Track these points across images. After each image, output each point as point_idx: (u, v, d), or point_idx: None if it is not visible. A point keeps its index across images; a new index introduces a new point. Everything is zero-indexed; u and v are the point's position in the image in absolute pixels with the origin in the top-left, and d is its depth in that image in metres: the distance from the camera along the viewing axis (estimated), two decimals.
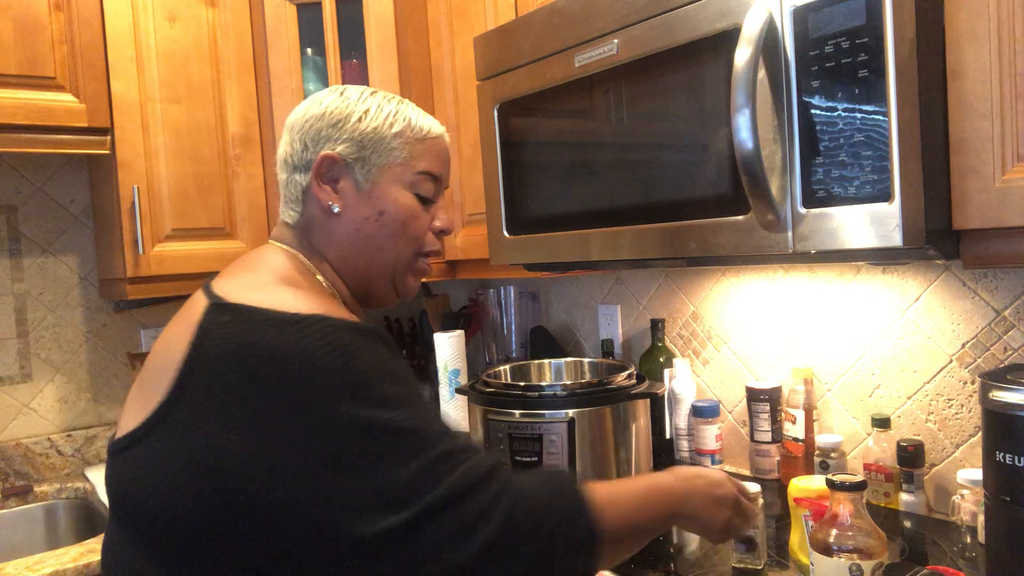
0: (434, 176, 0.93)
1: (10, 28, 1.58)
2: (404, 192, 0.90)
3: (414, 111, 0.93)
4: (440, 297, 2.31)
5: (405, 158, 0.90)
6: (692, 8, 1.05)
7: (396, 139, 0.90)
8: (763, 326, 1.57)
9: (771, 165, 0.96)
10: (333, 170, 0.89)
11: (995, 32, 0.85)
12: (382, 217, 0.89)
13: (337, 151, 0.88)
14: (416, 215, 0.91)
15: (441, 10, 1.75)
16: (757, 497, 1.12)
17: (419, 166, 0.91)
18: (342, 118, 0.89)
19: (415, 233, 0.92)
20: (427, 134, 0.92)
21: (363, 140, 0.88)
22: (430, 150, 0.93)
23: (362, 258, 0.91)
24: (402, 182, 0.90)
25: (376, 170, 0.89)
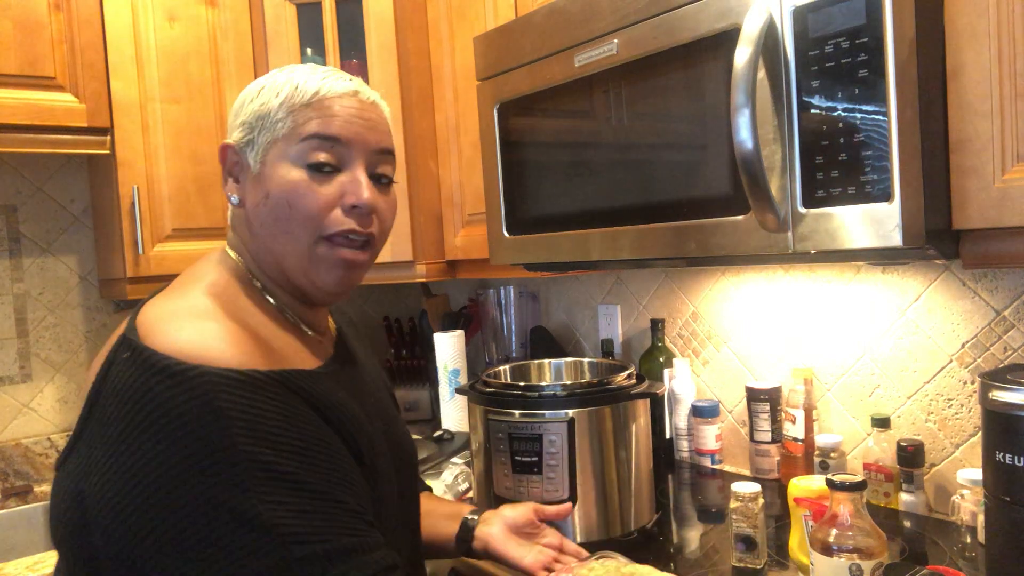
0: (329, 138, 0.79)
1: (10, 28, 1.58)
2: (288, 166, 0.78)
3: (309, 74, 0.81)
4: (440, 297, 2.31)
5: (290, 127, 0.78)
6: (692, 8, 1.05)
7: (280, 109, 0.79)
8: (763, 326, 1.57)
9: (771, 165, 0.96)
10: (232, 160, 0.82)
11: (995, 32, 0.85)
12: (268, 200, 0.78)
13: (233, 139, 0.82)
14: (304, 191, 0.78)
15: (441, 10, 1.75)
16: (757, 497, 1.12)
17: (305, 130, 0.78)
18: (241, 104, 0.83)
19: (307, 212, 0.78)
20: (316, 94, 0.79)
21: (251, 120, 0.80)
22: (321, 111, 0.79)
23: (269, 252, 0.81)
24: (286, 155, 0.78)
25: (263, 149, 0.79)
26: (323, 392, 0.74)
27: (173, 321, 0.70)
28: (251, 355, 0.69)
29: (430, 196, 1.82)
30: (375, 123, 0.83)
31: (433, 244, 1.83)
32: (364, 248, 0.82)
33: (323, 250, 0.80)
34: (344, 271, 0.81)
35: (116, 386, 0.67)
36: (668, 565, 1.15)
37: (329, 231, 0.79)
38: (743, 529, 1.11)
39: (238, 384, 0.66)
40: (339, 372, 0.84)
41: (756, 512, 1.11)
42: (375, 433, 0.83)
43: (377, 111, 0.84)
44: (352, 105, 0.81)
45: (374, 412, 0.87)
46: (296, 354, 0.79)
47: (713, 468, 1.62)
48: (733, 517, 1.12)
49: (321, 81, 0.80)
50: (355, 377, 0.89)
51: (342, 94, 0.80)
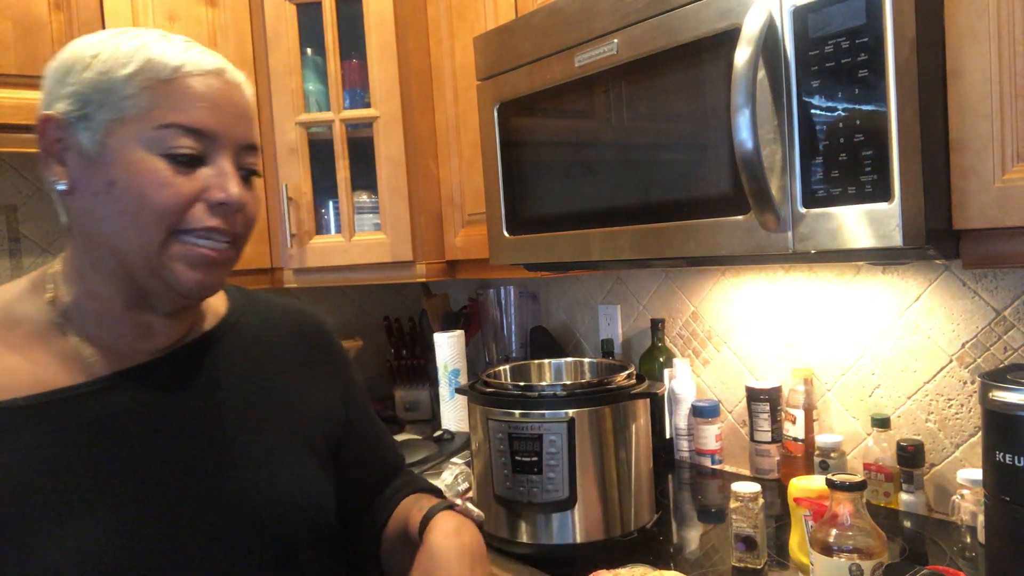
0: (194, 130, 0.68)
1: (10, 28, 1.58)
2: (143, 153, 0.67)
3: (163, 45, 0.69)
4: (440, 297, 2.31)
5: (144, 108, 0.67)
6: (692, 8, 1.05)
7: (129, 83, 0.67)
8: (763, 326, 1.57)
9: (771, 165, 0.96)
10: (56, 136, 0.69)
11: (995, 32, 0.85)
12: (113, 189, 0.67)
13: (57, 110, 0.69)
14: (162, 182, 0.67)
15: (441, 10, 1.75)
16: (757, 497, 1.12)
17: (164, 117, 0.67)
18: (69, 68, 0.69)
19: (164, 206, 0.67)
20: (177, 71, 0.68)
21: (86, 92, 0.68)
22: (184, 93, 0.68)
23: (106, 248, 0.70)
24: (140, 140, 0.67)
25: (104, 128, 0.67)
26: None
27: None
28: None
29: (430, 196, 1.82)
30: (243, 111, 0.73)
31: (433, 244, 1.83)
32: (230, 246, 0.73)
33: (179, 248, 0.69)
34: (205, 269, 0.71)
35: None
36: (668, 565, 1.15)
37: (190, 225, 0.69)
38: (743, 529, 1.11)
39: None
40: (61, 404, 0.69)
41: (756, 512, 1.11)
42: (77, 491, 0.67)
43: (244, 96, 0.74)
44: (218, 87, 0.70)
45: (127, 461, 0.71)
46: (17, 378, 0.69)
47: (713, 468, 1.62)
48: (733, 517, 1.12)
49: (183, 55, 0.69)
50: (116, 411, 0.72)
51: (207, 71, 0.70)
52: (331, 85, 1.79)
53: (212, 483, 0.74)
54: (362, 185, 1.85)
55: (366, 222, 1.85)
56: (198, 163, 0.70)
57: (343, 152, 1.79)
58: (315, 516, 0.81)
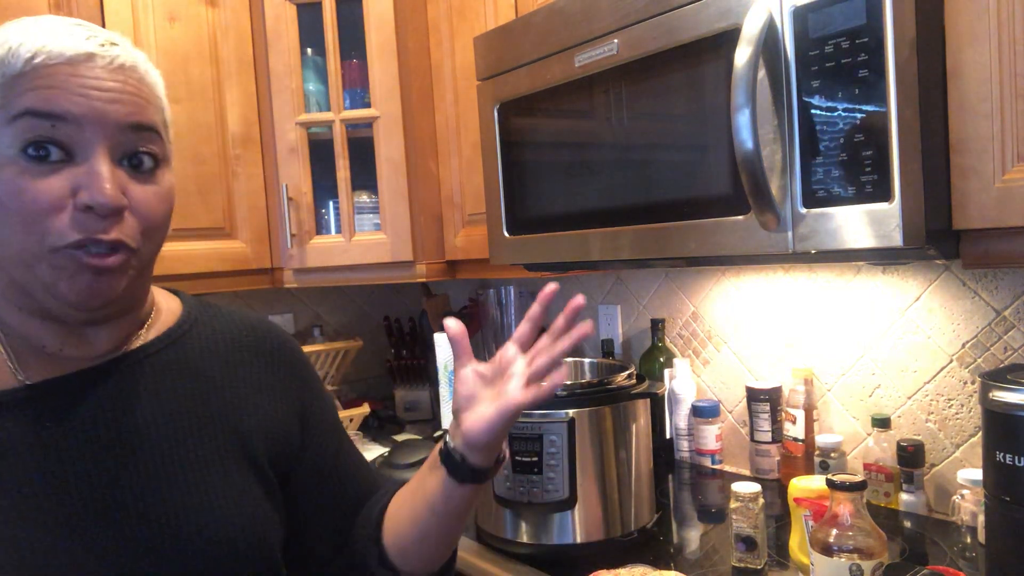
0: (48, 115, 0.59)
1: None
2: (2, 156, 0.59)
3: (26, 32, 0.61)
4: (440, 297, 2.31)
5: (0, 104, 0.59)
6: (692, 8, 1.05)
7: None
8: (763, 326, 1.57)
9: (771, 165, 0.96)
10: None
11: (995, 32, 0.85)
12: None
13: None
14: (20, 188, 0.59)
15: (441, 10, 1.75)
16: (757, 497, 1.12)
17: (18, 105, 0.59)
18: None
19: (25, 216, 0.59)
20: (29, 63, 0.59)
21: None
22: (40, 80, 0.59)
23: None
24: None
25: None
26: None
27: None
28: None
29: (430, 196, 1.82)
30: (124, 91, 0.63)
31: (433, 244, 1.83)
32: (119, 252, 0.63)
33: (60, 259, 0.61)
34: (92, 278, 0.62)
35: None
36: (668, 565, 1.15)
37: (61, 241, 0.60)
38: (743, 529, 1.11)
39: None
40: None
41: (756, 512, 1.11)
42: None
43: (130, 76, 0.64)
44: (87, 74, 0.61)
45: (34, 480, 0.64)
46: None
47: (713, 468, 1.62)
48: (733, 517, 1.12)
49: (43, 41, 0.60)
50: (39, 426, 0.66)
51: (71, 59, 0.60)
52: (331, 85, 1.79)
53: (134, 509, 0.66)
54: (362, 185, 1.85)
55: (366, 222, 1.85)
56: (65, 161, 0.60)
57: (343, 152, 1.79)
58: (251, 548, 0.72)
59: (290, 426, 0.83)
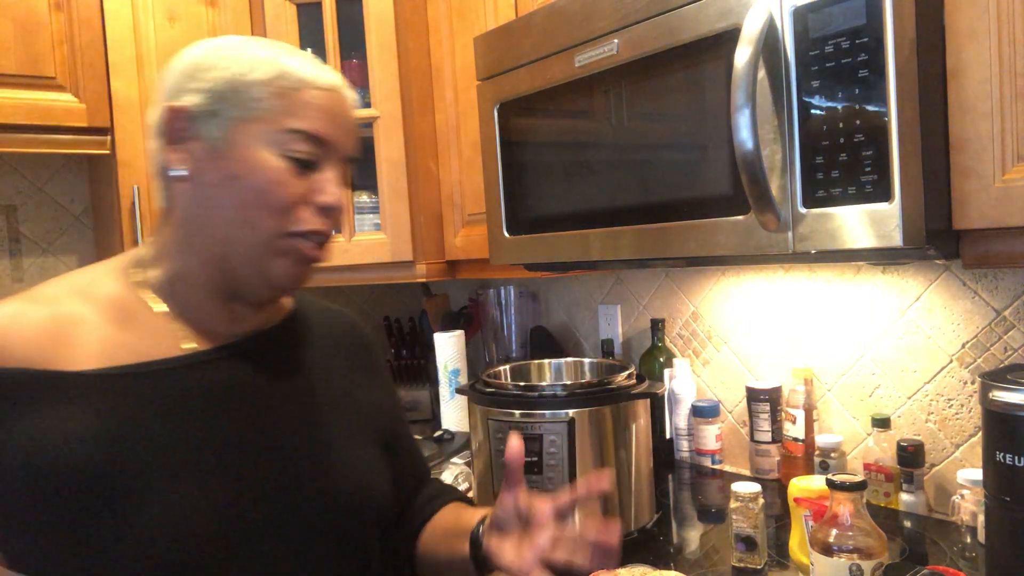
0: (314, 137, 0.74)
1: (10, 28, 1.58)
2: (267, 153, 0.72)
3: (295, 58, 0.75)
4: (440, 297, 2.31)
5: (271, 111, 0.73)
6: (692, 8, 1.05)
7: (260, 87, 0.72)
8: (763, 326, 1.57)
9: (771, 165, 0.96)
10: (181, 126, 0.73)
11: (995, 32, 0.85)
12: (235, 182, 0.72)
13: (185, 102, 0.73)
14: (280, 181, 0.73)
15: (441, 10, 1.75)
16: (757, 497, 1.12)
17: (290, 122, 0.73)
18: (199, 66, 0.74)
19: (279, 203, 0.73)
20: (305, 83, 0.74)
21: (216, 89, 0.73)
22: (309, 104, 0.74)
23: (214, 235, 0.74)
24: (265, 140, 0.72)
25: (232, 125, 0.72)
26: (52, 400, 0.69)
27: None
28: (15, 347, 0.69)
29: (430, 196, 1.82)
30: (352, 126, 0.80)
31: (433, 244, 1.83)
32: (323, 247, 0.78)
33: (285, 244, 0.74)
34: (302, 267, 0.77)
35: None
36: (668, 565, 1.15)
37: (295, 228, 0.74)
38: (743, 529, 1.11)
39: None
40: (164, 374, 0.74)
41: (756, 512, 1.11)
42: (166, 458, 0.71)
43: (354, 112, 0.80)
44: (337, 103, 0.77)
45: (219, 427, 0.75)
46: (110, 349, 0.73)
47: (713, 468, 1.62)
48: (733, 517, 1.12)
49: (310, 69, 0.75)
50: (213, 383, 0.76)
51: (329, 87, 0.76)
52: None
53: (290, 459, 0.78)
54: (362, 185, 1.85)
55: (366, 222, 1.85)
56: (311, 168, 0.75)
57: None
58: (380, 499, 0.85)
59: (389, 406, 0.97)
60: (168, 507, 0.69)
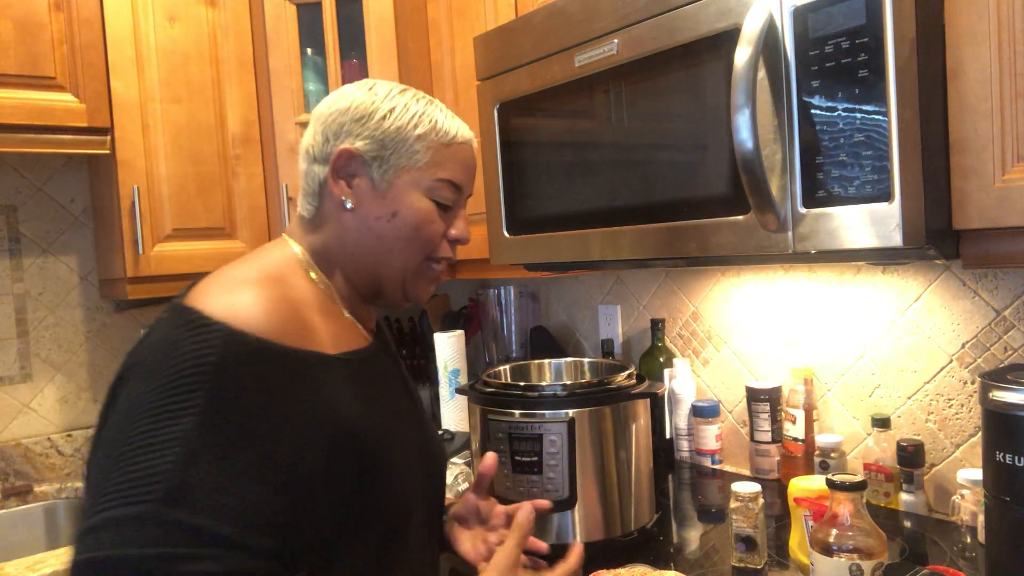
0: (455, 185, 0.90)
1: (10, 28, 1.58)
2: (421, 197, 0.88)
3: (442, 114, 0.90)
4: (440, 297, 2.31)
5: (426, 163, 0.87)
6: (692, 8, 1.05)
7: (419, 141, 0.87)
8: (763, 326, 1.57)
9: (771, 165, 0.96)
10: (351, 165, 0.87)
11: (995, 32, 0.85)
12: (395, 218, 0.87)
13: (356, 146, 0.86)
14: (431, 220, 0.88)
15: (441, 10, 1.75)
16: (757, 497, 1.12)
17: (440, 173, 0.88)
18: (366, 114, 0.87)
19: (428, 238, 0.89)
20: (452, 139, 0.90)
21: (384, 139, 0.86)
22: (454, 157, 0.90)
23: (371, 257, 0.89)
24: (420, 186, 0.88)
25: (394, 171, 0.87)
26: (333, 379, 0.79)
27: (219, 286, 0.77)
28: (277, 325, 0.74)
29: None
30: (476, 171, 0.96)
31: None
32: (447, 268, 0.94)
33: (426, 267, 0.91)
34: (433, 285, 0.95)
35: (151, 341, 0.73)
36: (668, 565, 1.15)
37: (438, 255, 0.91)
38: (743, 529, 1.11)
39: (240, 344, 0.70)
40: (367, 361, 0.89)
41: (756, 512, 1.11)
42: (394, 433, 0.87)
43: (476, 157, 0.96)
44: (471, 155, 0.93)
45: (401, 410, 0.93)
46: (331, 337, 0.84)
47: (713, 468, 1.62)
48: (733, 517, 1.12)
49: (456, 125, 0.91)
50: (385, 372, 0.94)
51: (467, 142, 0.91)
52: (331, 85, 1.79)
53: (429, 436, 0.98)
54: None
55: None
56: (449, 209, 0.91)
57: None
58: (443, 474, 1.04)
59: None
60: (406, 472, 0.85)
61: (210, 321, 0.71)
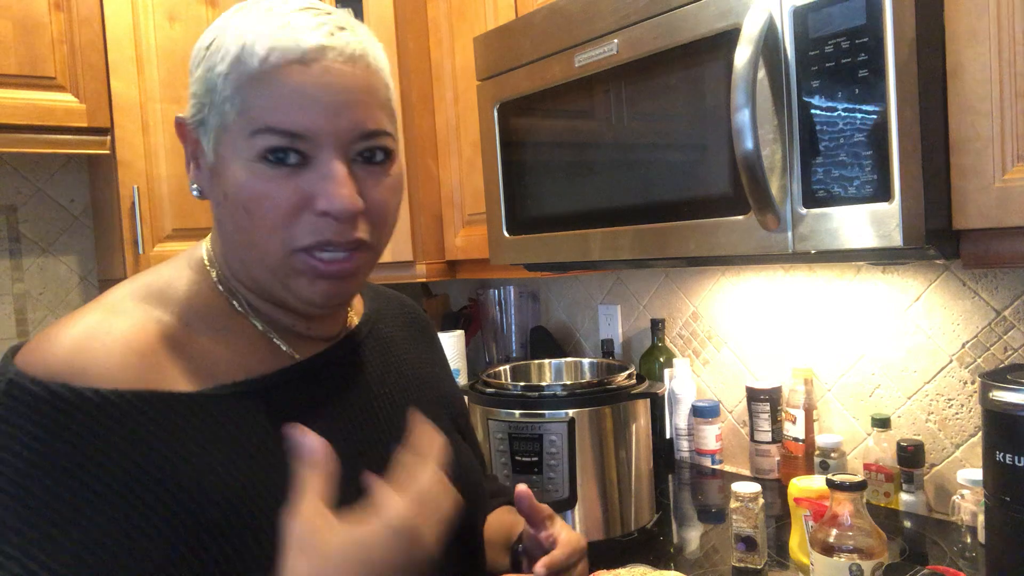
0: (288, 133, 0.59)
1: (10, 28, 1.58)
2: (242, 162, 0.60)
3: (259, 23, 0.59)
4: (440, 297, 2.31)
5: (240, 109, 0.59)
6: (692, 8, 1.05)
7: (226, 82, 0.59)
8: (763, 326, 1.57)
9: (771, 165, 0.96)
10: (188, 139, 0.65)
11: (995, 32, 0.85)
12: (225, 202, 0.62)
13: (187, 113, 0.64)
14: (262, 195, 0.60)
15: (441, 10, 1.75)
16: (757, 497, 1.12)
17: (256, 120, 0.59)
18: (193, 61, 0.64)
19: (268, 222, 0.60)
20: (264, 62, 0.58)
21: (200, 94, 0.62)
22: (272, 90, 0.58)
23: (236, 255, 0.66)
24: (239, 150, 0.60)
25: (215, 135, 0.61)
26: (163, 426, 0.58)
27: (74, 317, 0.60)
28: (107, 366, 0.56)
29: (430, 196, 1.82)
30: (354, 95, 0.61)
31: (433, 244, 1.83)
32: (353, 254, 0.64)
33: (299, 262, 0.62)
34: (330, 283, 0.64)
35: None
36: (668, 565, 1.15)
37: (300, 243, 0.61)
38: (743, 529, 1.11)
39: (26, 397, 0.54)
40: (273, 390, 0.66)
41: (756, 512, 1.11)
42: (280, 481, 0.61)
43: (359, 71, 0.61)
44: (315, 73, 0.59)
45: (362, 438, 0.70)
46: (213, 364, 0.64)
47: (713, 468, 1.62)
48: (733, 517, 1.12)
49: (273, 38, 0.58)
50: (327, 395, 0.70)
51: (304, 55, 0.58)
52: None
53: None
54: None
55: None
56: (301, 164, 0.60)
57: None
58: (481, 484, 0.82)
59: (459, 393, 0.91)
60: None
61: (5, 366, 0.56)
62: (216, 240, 0.69)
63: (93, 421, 0.54)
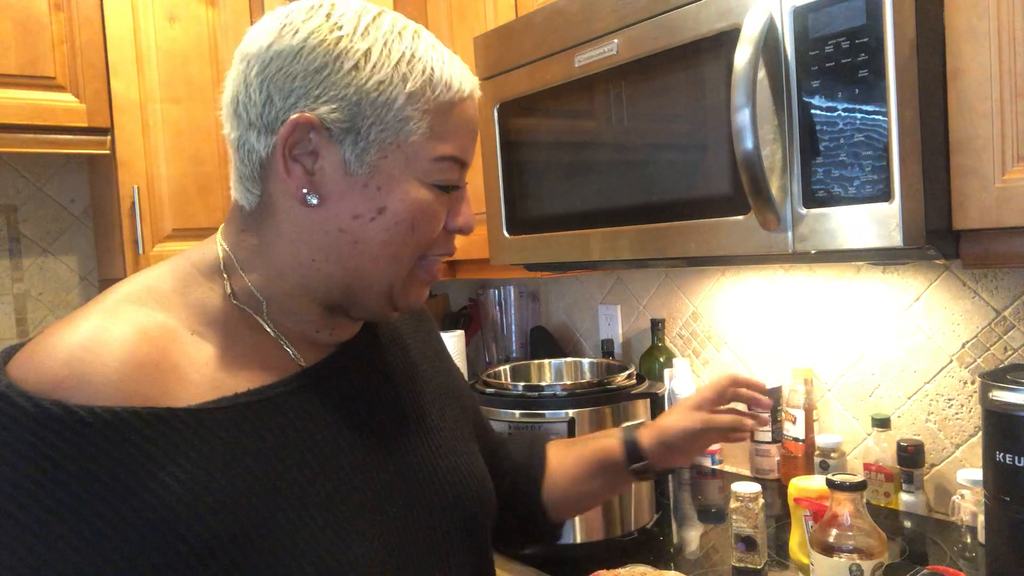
0: (462, 162, 0.65)
1: (10, 28, 1.58)
2: (417, 183, 0.62)
3: (436, 53, 0.63)
4: (440, 297, 2.31)
5: (423, 134, 0.61)
6: (692, 8, 1.05)
7: (410, 104, 0.60)
8: (763, 326, 1.57)
9: (771, 165, 0.96)
10: (309, 141, 0.60)
11: (995, 32, 0.85)
12: (381, 217, 0.61)
13: (319, 114, 0.59)
14: (431, 215, 0.63)
15: (441, 10, 1.75)
16: (757, 497, 1.12)
17: (442, 148, 0.62)
18: (329, 61, 0.59)
19: (427, 237, 0.64)
20: (456, 94, 0.63)
21: (361, 100, 0.59)
22: (459, 121, 0.63)
23: (344, 266, 0.63)
24: (415, 169, 0.62)
25: (377, 149, 0.60)
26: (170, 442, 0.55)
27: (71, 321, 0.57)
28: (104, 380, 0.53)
29: None
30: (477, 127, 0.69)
31: None
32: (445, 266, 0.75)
33: (420, 270, 0.67)
34: (426, 286, 0.70)
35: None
36: (668, 565, 1.15)
37: (432, 254, 0.67)
38: (743, 529, 1.11)
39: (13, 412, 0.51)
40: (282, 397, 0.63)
41: (756, 512, 1.11)
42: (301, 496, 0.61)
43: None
44: (475, 108, 0.66)
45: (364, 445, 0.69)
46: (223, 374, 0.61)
47: (713, 468, 1.62)
48: (733, 517, 1.12)
49: (459, 74, 0.63)
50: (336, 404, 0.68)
51: (471, 93, 0.65)
52: None
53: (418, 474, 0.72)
54: None
55: None
56: (452, 191, 0.66)
57: None
58: (491, 494, 0.81)
59: (461, 378, 0.91)
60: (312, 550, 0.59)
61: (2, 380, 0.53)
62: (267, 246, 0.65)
63: (83, 441, 0.51)
